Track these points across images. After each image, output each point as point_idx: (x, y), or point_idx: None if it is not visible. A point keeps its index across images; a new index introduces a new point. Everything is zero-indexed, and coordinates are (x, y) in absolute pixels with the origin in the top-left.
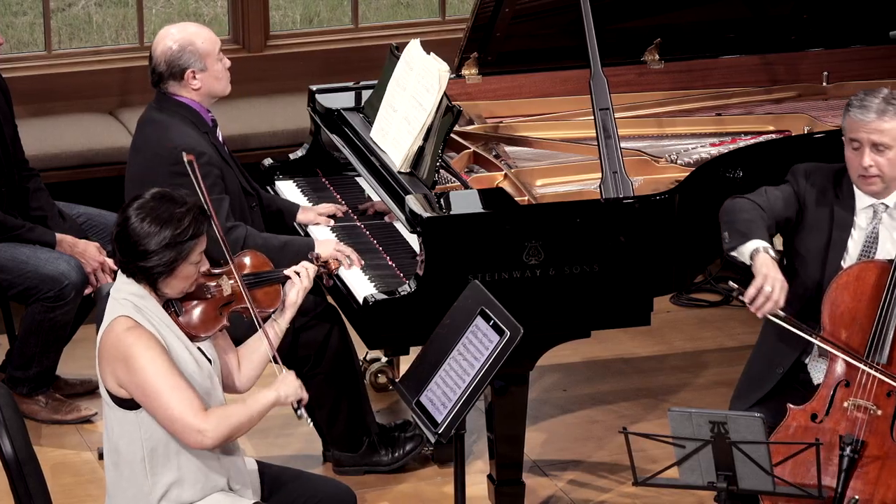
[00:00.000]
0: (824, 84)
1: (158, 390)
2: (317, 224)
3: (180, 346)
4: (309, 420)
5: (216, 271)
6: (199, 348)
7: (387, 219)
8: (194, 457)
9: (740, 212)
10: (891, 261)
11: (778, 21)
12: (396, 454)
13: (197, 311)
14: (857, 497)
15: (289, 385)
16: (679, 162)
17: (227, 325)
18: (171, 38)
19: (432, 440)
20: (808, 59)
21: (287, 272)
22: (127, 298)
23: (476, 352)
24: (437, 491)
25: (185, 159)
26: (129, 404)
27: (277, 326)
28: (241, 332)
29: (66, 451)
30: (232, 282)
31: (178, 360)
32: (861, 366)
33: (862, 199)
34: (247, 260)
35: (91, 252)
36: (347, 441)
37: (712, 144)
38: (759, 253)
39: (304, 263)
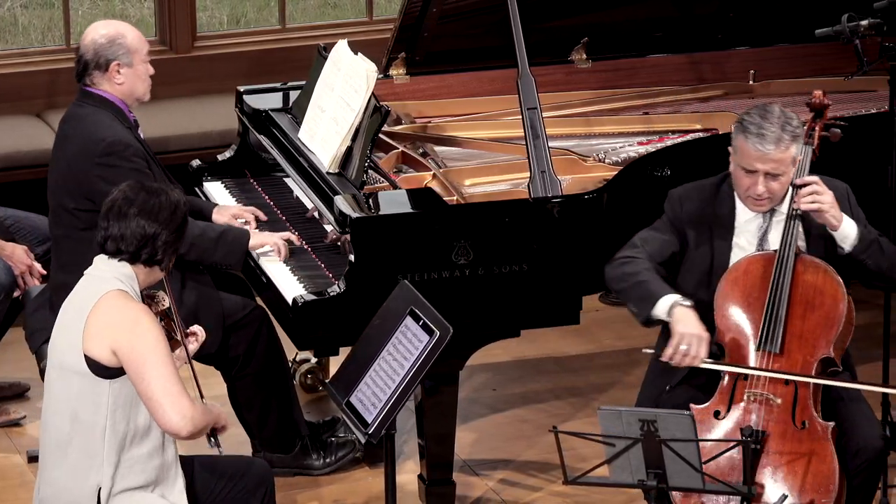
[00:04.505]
0: (751, 82)
1: (164, 362)
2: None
3: None
4: (220, 449)
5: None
6: None
7: (308, 214)
8: (144, 446)
9: (631, 276)
10: (776, 251)
11: (704, 20)
12: (328, 459)
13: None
14: (786, 494)
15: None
16: (607, 161)
17: None
18: (101, 28)
19: (363, 440)
20: (735, 57)
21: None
22: (116, 277)
23: (406, 352)
24: (368, 491)
25: None
26: (108, 373)
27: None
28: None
29: None
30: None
31: None
32: (755, 373)
33: (744, 212)
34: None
35: (19, 255)
36: (279, 442)
37: (640, 143)
38: (674, 309)
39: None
